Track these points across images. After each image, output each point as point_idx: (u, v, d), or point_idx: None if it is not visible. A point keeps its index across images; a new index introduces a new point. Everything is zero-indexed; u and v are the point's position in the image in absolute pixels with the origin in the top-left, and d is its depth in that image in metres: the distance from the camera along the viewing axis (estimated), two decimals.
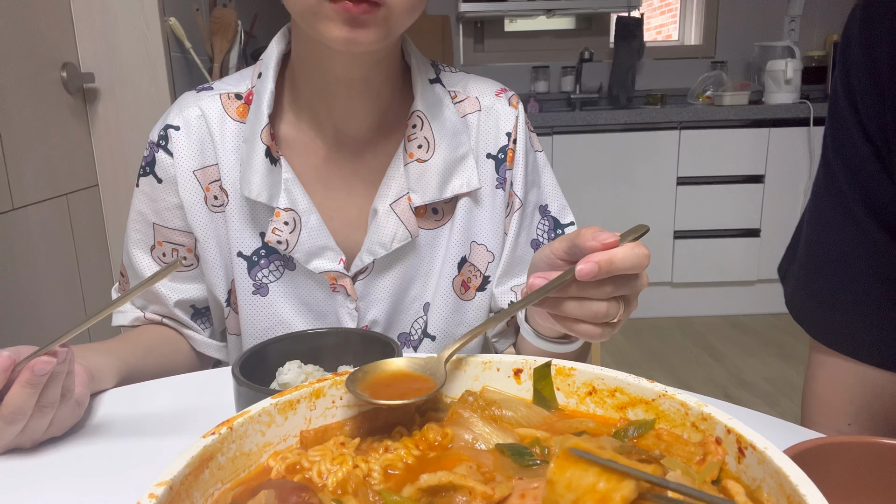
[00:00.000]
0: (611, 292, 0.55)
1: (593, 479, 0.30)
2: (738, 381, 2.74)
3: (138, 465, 0.57)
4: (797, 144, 3.16)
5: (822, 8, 3.60)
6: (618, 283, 0.55)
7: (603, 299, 0.55)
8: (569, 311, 0.56)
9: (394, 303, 0.84)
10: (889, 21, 0.61)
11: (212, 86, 0.85)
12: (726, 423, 0.38)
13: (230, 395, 0.58)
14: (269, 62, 0.80)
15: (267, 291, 0.83)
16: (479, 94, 0.86)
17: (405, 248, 0.83)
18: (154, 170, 0.82)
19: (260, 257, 0.82)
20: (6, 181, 1.36)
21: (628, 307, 0.58)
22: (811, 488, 0.31)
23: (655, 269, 3.33)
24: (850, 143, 0.65)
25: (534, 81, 3.77)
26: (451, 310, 0.85)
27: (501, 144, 0.85)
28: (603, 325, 0.57)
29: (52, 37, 1.58)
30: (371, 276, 0.83)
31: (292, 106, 0.82)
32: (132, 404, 0.69)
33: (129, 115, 1.72)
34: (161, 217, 0.84)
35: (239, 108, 0.82)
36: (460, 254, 0.85)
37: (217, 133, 0.81)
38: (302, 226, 0.80)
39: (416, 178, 0.81)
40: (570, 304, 0.56)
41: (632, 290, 0.57)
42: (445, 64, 0.90)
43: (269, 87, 0.78)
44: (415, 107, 0.81)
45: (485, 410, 0.44)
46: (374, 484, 0.38)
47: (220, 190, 0.82)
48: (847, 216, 0.67)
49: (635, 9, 3.54)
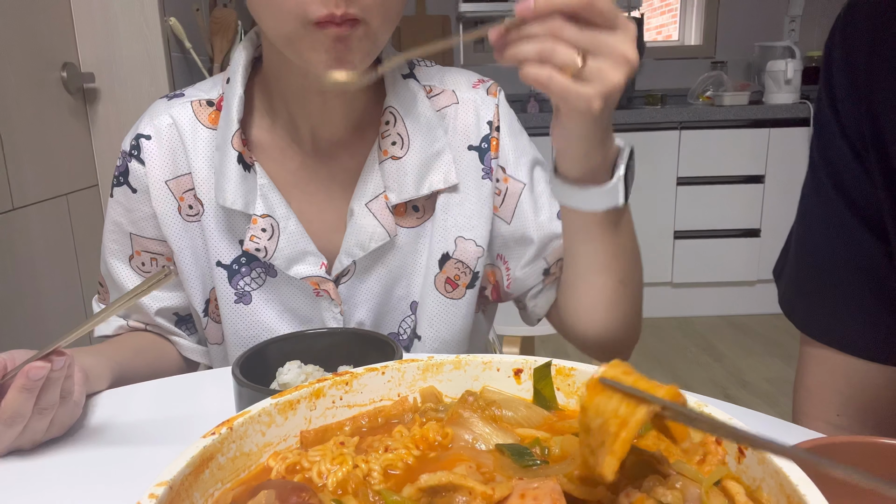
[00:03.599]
0: (557, 30, 0.55)
1: (615, 404, 0.33)
2: (738, 382, 2.74)
3: (138, 465, 0.57)
4: (797, 144, 3.16)
5: (822, 8, 3.60)
6: (574, 26, 0.55)
7: (548, 37, 0.55)
8: (512, 51, 0.57)
9: (379, 304, 0.83)
10: (867, 27, 0.64)
11: (183, 93, 0.83)
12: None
13: (230, 395, 0.58)
14: (236, 67, 0.78)
15: (250, 300, 0.81)
16: (455, 87, 0.84)
17: (385, 247, 0.81)
18: (128, 180, 0.81)
19: (240, 265, 0.80)
20: (6, 181, 1.36)
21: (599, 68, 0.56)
22: (811, 488, 0.31)
23: (656, 268, 3.33)
24: (832, 145, 0.68)
25: None
26: (439, 309, 0.83)
27: (483, 134, 0.83)
28: (551, 68, 0.56)
29: (52, 37, 1.58)
30: (354, 279, 0.81)
31: (266, 111, 0.81)
32: (132, 405, 0.69)
33: (129, 115, 1.72)
34: (138, 227, 0.82)
35: (211, 114, 0.81)
36: (441, 251, 0.83)
37: (189, 141, 0.80)
38: (280, 232, 0.78)
39: (391, 176, 0.79)
40: (513, 45, 0.57)
41: (595, 43, 0.55)
42: (445, 66, 0.89)
43: (237, 93, 0.77)
44: (387, 103, 0.80)
45: (485, 411, 0.44)
46: (374, 484, 0.38)
47: (195, 199, 0.80)
48: (831, 215, 0.69)
49: (635, 9, 3.54)
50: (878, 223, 0.65)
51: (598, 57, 0.56)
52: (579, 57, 0.55)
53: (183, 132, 0.80)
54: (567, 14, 0.55)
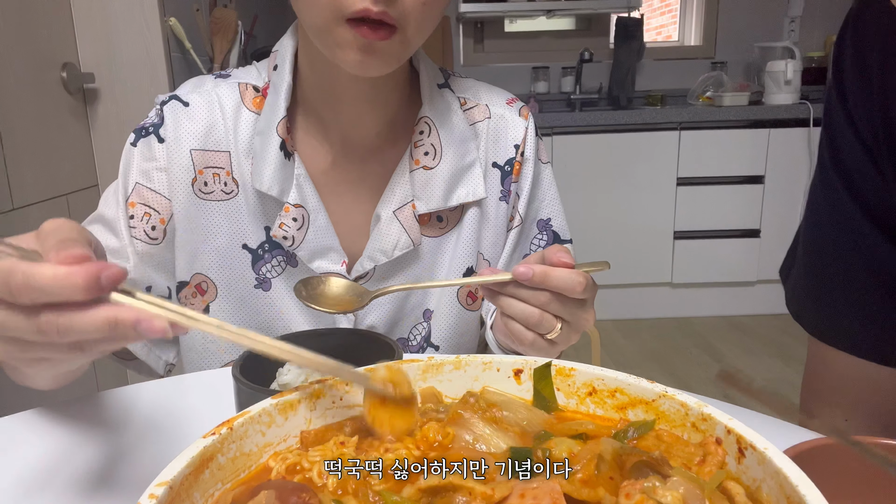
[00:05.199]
0: (545, 303, 0.61)
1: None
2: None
3: (138, 465, 0.57)
4: (797, 145, 3.16)
5: (822, 9, 3.60)
6: (559, 301, 0.62)
7: (536, 306, 0.62)
8: (503, 304, 0.63)
9: (393, 310, 0.83)
10: (879, 26, 0.63)
11: (230, 73, 0.83)
12: (726, 424, 0.38)
13: (230, 395, 0.58)
14: (284, 54, 0.78)
15: (270, 286, 0.81)
16: (489, 102, 0.85)
17: (408, 255, 0.81)
18: (158, 131, 0.78)
19: (265, 251, 0.80)
20: (6, 181, 1.36)
21: (568, 334, 0.64)
22: (811, 488, 0.31)
23: (655, 269, 3.34)
24: (843, 144, 0.67)
25: (534, 82, 3.77)
26: (457, 320, 0.84)
27: (509, 156, 0.84)
28: (535, 334, 0.63)
29: (52, 37, 1.58)
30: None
31: (300, 107, 0.81)
32: (132, 405, 0.69)
33: (129, 115, 1.72)
34: (147, 176, 0.78)
35: (255, 98, 0.80)
36: (467, 264, 0.83)
37: (232, 121, 0.79)
38: (310, 223, 0.78)
39: (420, 186, 0.79)
40: (506, 299, 0.63)
41: (571, 316, 0.63)
42: (445, 66, 0.89)
43: (286, 80, 0.77)
44: (422, 113, 0.80)
45: (485, 412, 0.44)
46: (374, 484, 0.38)
47: (231, 179, 0.79)
48: (841, 216, 0.68)
49: (635, 9, 3.54)
50: (891, 224, 0.64)
51: (569, 325, 0.64)
52: (558, 325, 0.63)
53: (226, 111, 0.79)
54: (555, 291, 0.61)
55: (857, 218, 0.66)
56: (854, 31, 0.65)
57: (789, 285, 0.77)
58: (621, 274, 3.31)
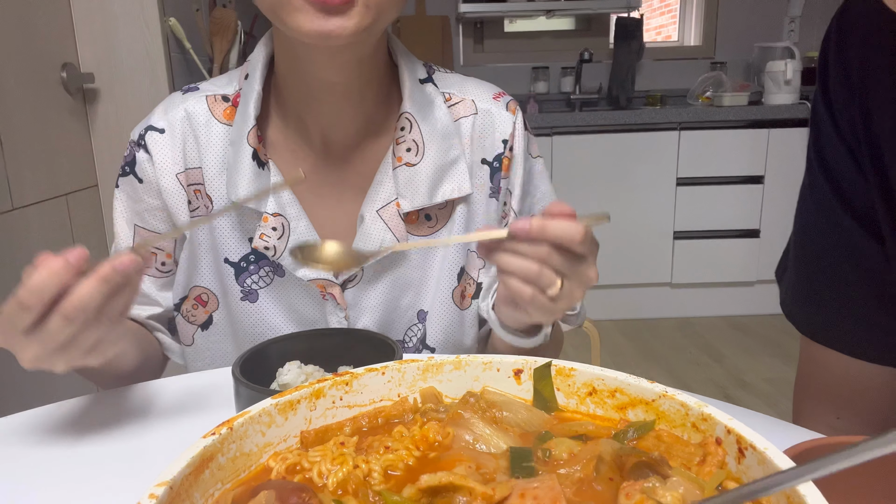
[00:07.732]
0: (544, 256, 0.59)
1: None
2: (738, 382, 2.74)
3: (138, 465, 0.57)
4: (797, 145, 3.17)
5: (822, 9, 3.61)
6: (558, 254, 0.59)
7: (536, 260, 0.60)
8: (500, 260, 0.61)
9: (386, 311, 0.82)
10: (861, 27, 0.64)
11: (198, 86, 0.82)
12: (726, 424, 0.38)
13: (230, 395, 0.58)
14: (255, 63, 0.78)
15: (256, 297, 0.80)
16: (475, 97, 0.83)
17: (395, 255, 0.80)
18: (134, 169, 0.80)
19: (249, 263, 0.80)
20: (6, 181, 1.36)
21: (569, 291, 0.62)
22: (811, 488, 0.31)
23: (655, 269, 3.34)
24: (828, 146, 0.68)
25: (533, 82, 3.77)
26: (451, 320, 0.83)
27: (497, 152, 0.82)
28: (534, 290, 0.61)
29: (52, 37, 1.58)
30: (361, 285, 0.80)
31: (278, 112, 0.80)
32: (132, 405, 0.69)
33: (129, 115, 1.72)
34: (141, 218, 0.81)
35: (226, 110, 0.79)
36: (459, 264, 0.82)
37: (202, 135, 0.79)
38: (290, 232, 0.77)
39: (404, 183, 0.78)
40: (505, 255, 0.61)
41: (571, 270, 0.61)
42: (445, 66, 0.88)
43: (255, 89, 0.76)
44: (403, 108, 0.78)
45: (486, 412, 0.44)
46: (374, 484, 0.38)
47: (205, 195, 0.79)
48: (828, 216, 0.69)
49: (635, 9, 3.54)
50: (875, 225, 0.65)
51: (571, 280, 0.62)
52: (559, 280, 0.61)
53: (196, 126, 0.79)
54: (554, 242, 0.59)
55: (843, 218, 0.67)
56: (838, 29, 0.66)
57: (783, 286, 0.78)
58: (621, 274, 3.31)
